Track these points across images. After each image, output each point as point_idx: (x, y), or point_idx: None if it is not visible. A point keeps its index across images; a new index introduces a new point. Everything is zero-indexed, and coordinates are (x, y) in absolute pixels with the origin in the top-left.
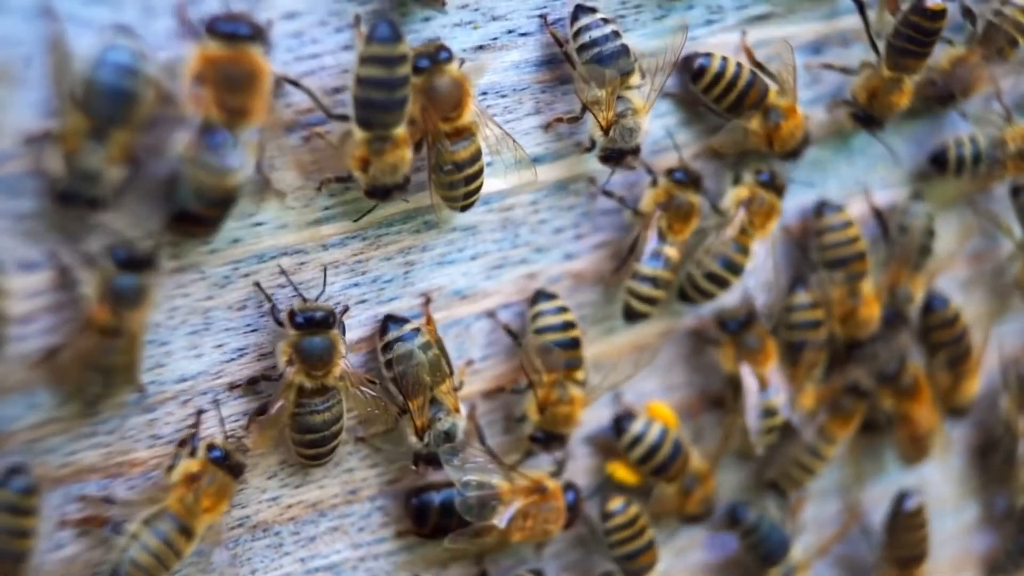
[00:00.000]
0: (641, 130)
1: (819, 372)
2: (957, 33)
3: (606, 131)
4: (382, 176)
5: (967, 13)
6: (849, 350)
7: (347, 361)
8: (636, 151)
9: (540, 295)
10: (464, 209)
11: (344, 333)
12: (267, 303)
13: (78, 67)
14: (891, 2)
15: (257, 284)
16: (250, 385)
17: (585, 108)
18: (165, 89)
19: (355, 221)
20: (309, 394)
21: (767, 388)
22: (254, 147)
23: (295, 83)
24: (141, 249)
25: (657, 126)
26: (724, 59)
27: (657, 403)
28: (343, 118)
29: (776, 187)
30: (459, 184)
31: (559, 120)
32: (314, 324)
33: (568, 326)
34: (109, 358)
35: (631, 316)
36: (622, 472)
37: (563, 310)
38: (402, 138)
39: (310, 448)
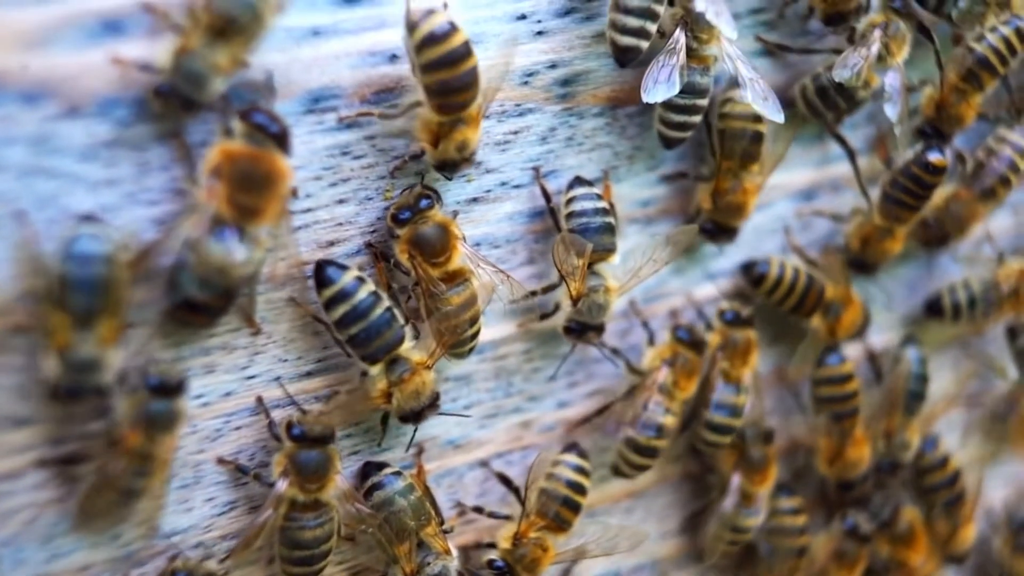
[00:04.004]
0: (610, 309)
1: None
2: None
3: (575, 302)
4: (407, 403)
5: (960, 158)
6: (839, 491)
7: (342, 477)
8: (600, 329)
9: (571, 446)
10: (468, 354)
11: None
12: (265, 418)
13: (48, 265)
14: (883, 150)
15: (258, 398)
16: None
17: (559, 275)
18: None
19: (379, 445)
20: (301, 508)
21: (750, 506)
22: (262, 243)
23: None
24: (174, 375)
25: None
26: (782, 265)
27: None
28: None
29: (744, 322)
30: (464, 327)
31: (534, 293)
32: (311, 438)
33: (579, 489)
34: (135, 482)
35: (618, 474)
36: None
37: (582, 471)
38: (419, 363)
39: (297, 566)
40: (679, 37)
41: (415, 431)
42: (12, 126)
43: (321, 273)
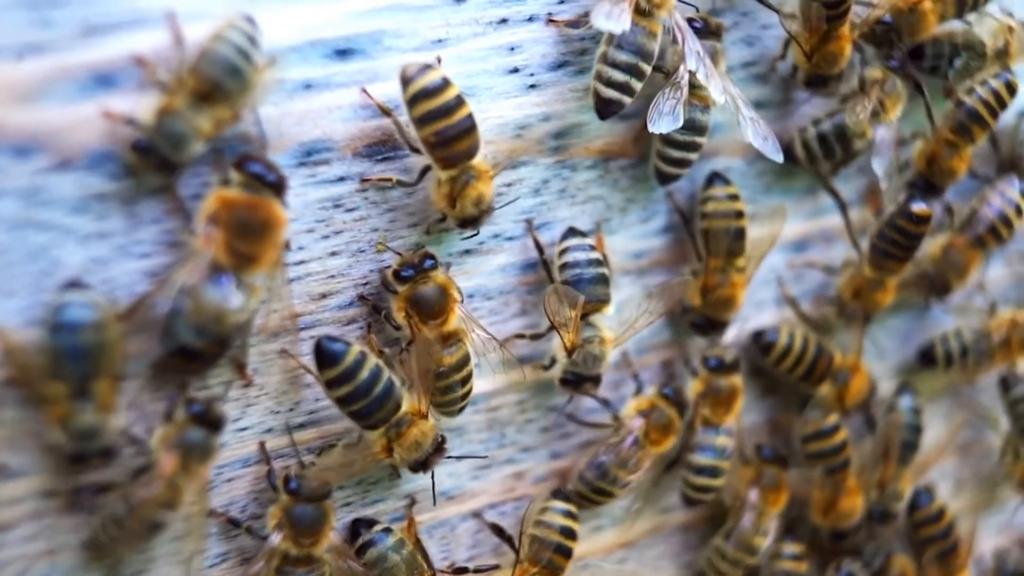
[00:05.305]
0: (605, 360)
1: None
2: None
3: (570, 353)
4: (409, 455)
5: (948, 211)
6: (833, 540)
7: (336, 533)
8: (596, 380)
9: (558, 491)
10: (458, 413)
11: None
12: (266, 464)
13: (34, 344)
14: (874, 202)
15: (261, 444)
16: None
17: (552, 326)
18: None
19: (391, 478)
20: (293, 563)
21: (760, 528)
22: (257, 291)
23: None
24: (217, 408)
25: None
26: (791, 334)
27: None
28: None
29: (728, 368)
30: (456, 386)
31: (520, 336)
32: (308, 492)
33: (570, 535)
34: (160, 514)
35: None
36: None
37: (570, 515)
38: (414, 412)
39: None
40: (684, 73)
41: (434, 483)
42: (3, 179)
43: (322, 352)
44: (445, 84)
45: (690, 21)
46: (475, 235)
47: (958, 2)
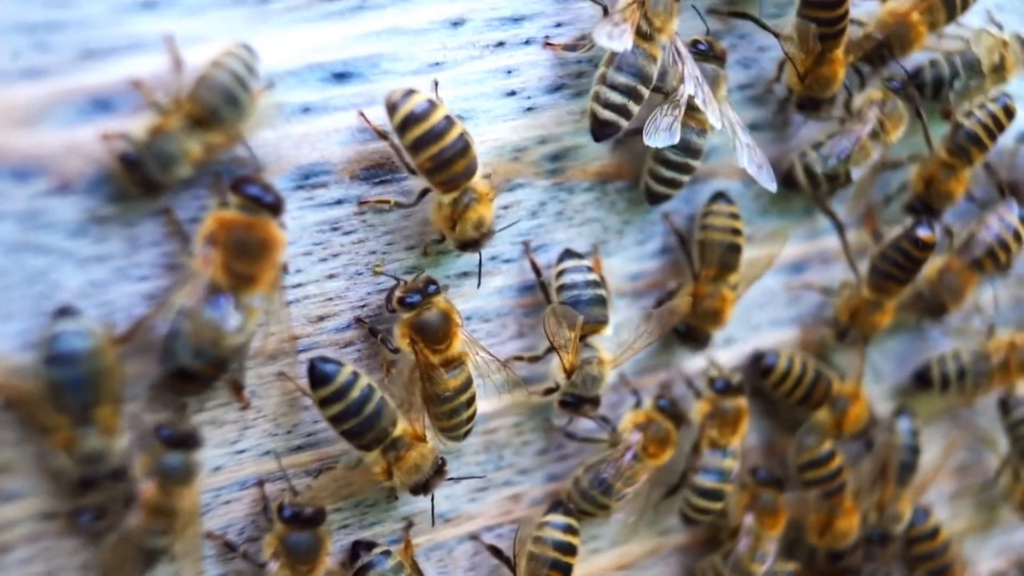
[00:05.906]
0: (604, 381)
1: None
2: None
3: (569, 374)
4: (409, 478)
5: (948, 232)
6: (829, 560)
7: (333, 556)
8: (596, 402)
9: (557, 505)
10: (464, 437)
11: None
12: (262, 502)
13: (31, 374)
14: (871, 224)
15: (260, 483)
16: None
17: (551, 348)
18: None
19: (388, 500)
20: None
21: (758, 551)
22: (255, 312)
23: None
24: (186, 427)
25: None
26: (791, 358)
27: None
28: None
29: (734, 390)
30: (461, 409)
31: (519, 358)
32: (302, 520)
33: (568, 550)
34: (153, 540)
35: (567, 512)
36: None
37: (570, 530)
38: (411, 435)
39: None
40: (684, 92)
41: (433, 504)
42: (2, 202)
43: (315, 372)
44: (432, 106)
45: (696, 43)
46: (482, 268)
47: (948, 8)
